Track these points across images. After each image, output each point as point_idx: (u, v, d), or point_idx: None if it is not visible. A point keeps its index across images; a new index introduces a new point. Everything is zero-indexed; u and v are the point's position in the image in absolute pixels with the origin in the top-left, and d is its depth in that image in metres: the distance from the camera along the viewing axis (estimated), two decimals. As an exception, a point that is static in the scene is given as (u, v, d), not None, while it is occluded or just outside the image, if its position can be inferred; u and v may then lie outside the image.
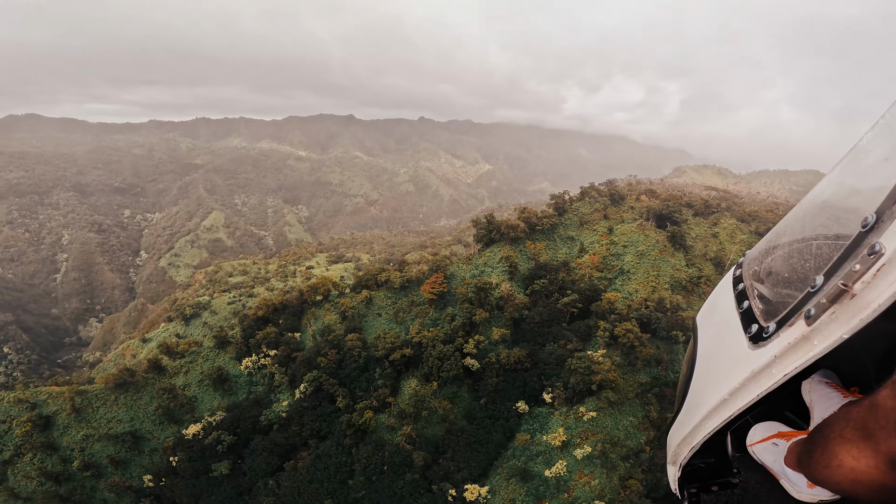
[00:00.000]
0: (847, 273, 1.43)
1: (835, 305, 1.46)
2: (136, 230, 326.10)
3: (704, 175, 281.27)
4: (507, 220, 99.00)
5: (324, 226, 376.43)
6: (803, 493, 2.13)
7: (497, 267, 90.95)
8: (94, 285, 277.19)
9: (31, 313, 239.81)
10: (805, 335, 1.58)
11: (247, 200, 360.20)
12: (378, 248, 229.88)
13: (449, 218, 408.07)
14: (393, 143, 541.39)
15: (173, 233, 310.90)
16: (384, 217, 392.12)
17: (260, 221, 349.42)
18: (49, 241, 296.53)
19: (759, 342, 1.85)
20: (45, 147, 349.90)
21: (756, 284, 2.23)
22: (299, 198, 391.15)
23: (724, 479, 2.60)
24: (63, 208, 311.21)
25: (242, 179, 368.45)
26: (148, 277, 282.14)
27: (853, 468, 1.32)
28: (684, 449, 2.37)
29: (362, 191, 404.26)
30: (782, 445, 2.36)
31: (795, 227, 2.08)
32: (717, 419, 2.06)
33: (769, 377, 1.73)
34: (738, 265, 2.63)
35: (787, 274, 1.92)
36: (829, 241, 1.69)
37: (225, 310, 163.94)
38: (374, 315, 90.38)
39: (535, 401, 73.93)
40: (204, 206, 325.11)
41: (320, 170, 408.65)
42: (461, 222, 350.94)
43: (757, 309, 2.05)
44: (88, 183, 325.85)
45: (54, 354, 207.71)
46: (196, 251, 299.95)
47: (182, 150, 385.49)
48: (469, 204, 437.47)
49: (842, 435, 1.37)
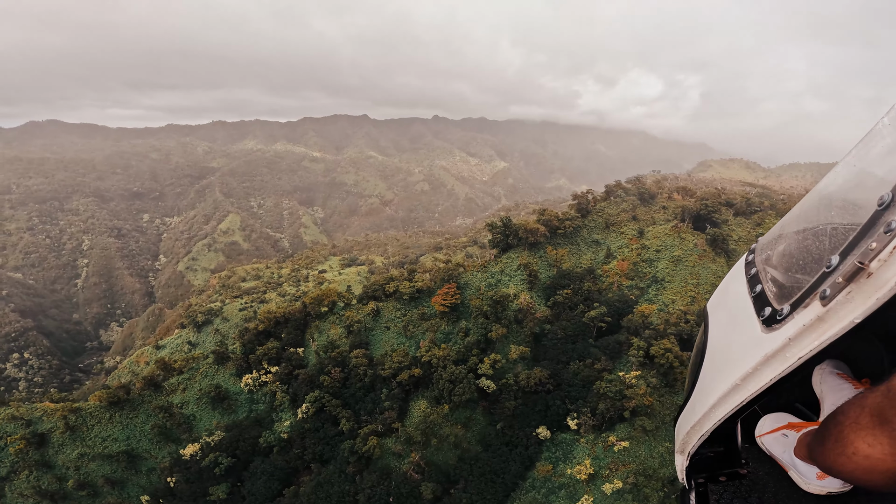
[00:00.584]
0: (863, 251, 1.39)
1: (851, 284, 1.42)
2: (154, 234, 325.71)
3: (731, 169, 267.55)
4: (526, 224, 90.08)
5: (339, 227, 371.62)
6: (812, 484, 2.11)
7: (515, 275, 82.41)
8: (114, 290, 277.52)
9: (52, 318, 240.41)
10: (820, 316, 1.54)
11: (262, 203, 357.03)
12: (392, 249, 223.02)
13: (465, 217, 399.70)
14: (407, 142, 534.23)
15: (191, 236, 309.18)
16: (399, 217, 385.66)
17: (276, 223, 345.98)
18: (70, 246, 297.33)
19: (772, 325, 1.81)
20: (64, 153, 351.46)
21: (769, 269, 2.18)
22: (314, 199, 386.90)
23: (732, 470, 2.55)
24: (83, 214, 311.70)
25: (258, 182, 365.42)
26: (166, 282, 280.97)
27: (868, 455, 1.28)
28: (693, 437, 2.33)
29: (377, 191, 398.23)
30: (792, 436, 2.34)
31: (810, 212, 2.03)
32: (728, 405, 2.01)
33: (783, 360, 1.69)
34: (750, 251, 2.59)
35: (802, 256, 1.88)
36: (843, 225, 1.65)
37: (236, 316, 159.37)
38: (382, 328, 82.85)
39: (558, 426, 65.42)
40: (220, 210, 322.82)
41: (335, 170, 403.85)
42: (477, 221, 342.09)
43: (770, 292, 2.01)
44: (107, 188, 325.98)
45: (76, 359, 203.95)
46: (213, 255, 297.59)
47: (199, 154, 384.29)
48: (485, 202, 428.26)
49: (857, 422, 1.33)
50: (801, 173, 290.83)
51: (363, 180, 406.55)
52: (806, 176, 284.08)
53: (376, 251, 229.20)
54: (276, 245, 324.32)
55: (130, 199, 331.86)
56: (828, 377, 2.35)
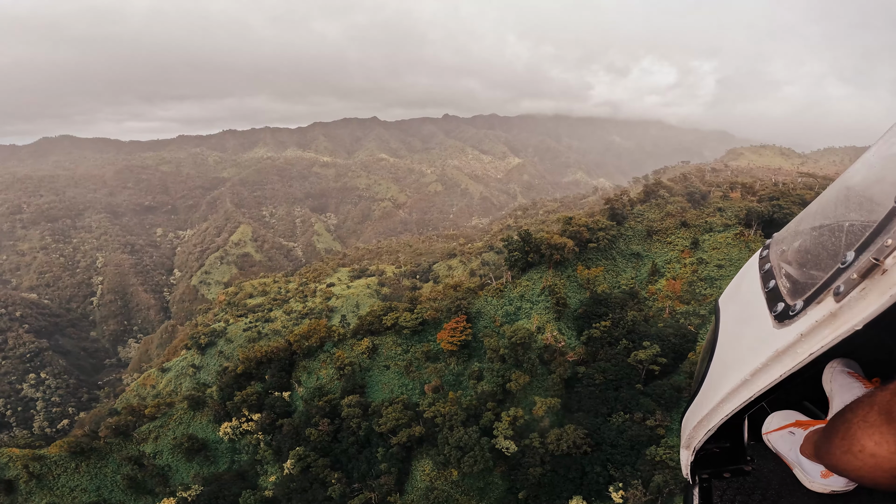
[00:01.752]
0: (879, 248, 1.36)
1: (865, 281, 1.38)
2: (168, 248, 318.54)
3: (764, 156, 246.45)
4: (549, 238, 73.49)
5: (353, 233, 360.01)
6: (816, 482, 2.08)
7: (538, 302, 66.85)
8: (129, 307, 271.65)
9: (69, 337, 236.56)
10: (833, 312, 1.49)
11: (274, 211, 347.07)
12: (404, 257, 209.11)
13: (480, 216, 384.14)
14: (418, 143, 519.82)
15: (203, 250, 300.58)
16: (413, 220, 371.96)
17: (288, 232, 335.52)
18: (84, 264, 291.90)
19: (784, 320, 1.77)
20: (76, 169, 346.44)
21: (784, 264, 2.13)
22: (327, 205, 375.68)
23: (736, 466, 2.50)
24: (96, 230, 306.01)
25: (269, 190, 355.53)
26: (180, 296, 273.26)
27: (874, 453, 1.25)
28: (700, 432, 2.28)
29: (389, 194, 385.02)
30: (799, 434, 2.30)
31: (828, 208, 1.98)
32: (736, 400, 1.97)
33: (793, 357, 1.65)
34: (765, 246, 2.50)
35: (817, 252, 1.84)
36: (861, 221, 1.61)
37: (240, 337, 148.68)
38: (380, 368, 68.54)
39: (597, 496, 50.25)
40: (231, 221, 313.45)
41: (346, 175, 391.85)
42: (493, 221, 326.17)
43: (784, 287, 1.96)
44: (119, 203, 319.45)
45: (95, 377, 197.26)
46: (225, 267, 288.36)
47: (210, 164, 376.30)
48: (501, 200, 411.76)
49: (865, 419, 1.30)
50: (839, 158, 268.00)
51: (375, 184, 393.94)
52: (844, 161, 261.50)
53: (387, 260, 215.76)
54: (289, 254, 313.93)
55: (143, 213, 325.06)
56: (838, 375, 2.31)
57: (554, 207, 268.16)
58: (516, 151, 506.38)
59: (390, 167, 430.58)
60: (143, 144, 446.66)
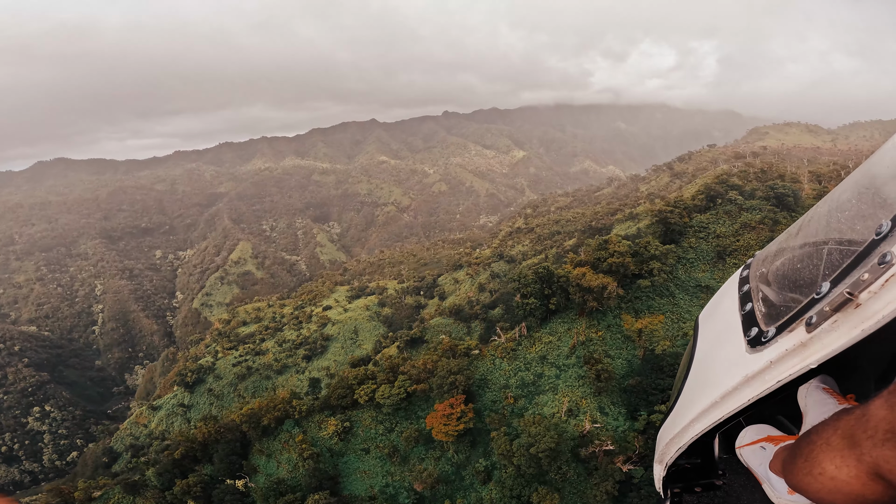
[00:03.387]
0: (854, 282, 1.31)
1: (837, 314, 1.35)
2: (169, 270, 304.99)
3: (791, 135, 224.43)
4: (580, 278, 52.37)
5: (357, 241, 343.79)
6: (783, 499, 2.04)
7: (567, 367, 48.61)
8: (132, 334, 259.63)
9: (73, 368, 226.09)
10: (804, 342, 1.47)
11: (275, 225, 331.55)
12: (407, 270, 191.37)
13: (488, 214, 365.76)
14: (420, 142, 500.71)
15: (203, 270, 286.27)
16: (419, 223, 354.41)
17: (290, 246, 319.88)
18: (82, 293, 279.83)
19: (756, 346, 1.73)
20: (69, 194, 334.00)
21: (762, 287, 2.06)
22: (329, 214, 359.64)
23: (708, 481, 2.47)
24: (92, 257, 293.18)
25: (268, 203, 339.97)
26: (183, 320, 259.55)
27: (834, 477, 1.22)
28: (672, 448, 2.24)
29: (392, 197, 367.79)
30: (770, 449, 2.25)
31: (810, 228, 1.91)
32: (706, 421, 1.96)
33: (762, 383, 1.63)
34: (745, 266, 2.42)
35: (795, 278, 1.76)
36: (842, 247, 1.53)
37: (230, 373, 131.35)
38: (357, 452, 51.27)
39: None
40: (230, 238, 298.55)
41: (346, 181, 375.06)
42: (502, 220, 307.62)
43: (759, 312, 1.91)
44: (114, 227, 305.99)
45: (104, 405, 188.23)
46: (227, 288, 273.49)
47: (206, 180, 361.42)
48: (508, 196, 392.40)
49: (828, 442, 1.27)
50: (868, 133, 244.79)
51: (377, 188, 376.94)
52: (874, 136, 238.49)
53: (390, 273, 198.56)
54: (293, 269, 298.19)
55: (139, 235, 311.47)
56: (813, 391, 2.27)
57: (566, 202, 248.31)
58: (520, 144, 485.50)
59: (392, 169, 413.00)
60: (141, 163, 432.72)
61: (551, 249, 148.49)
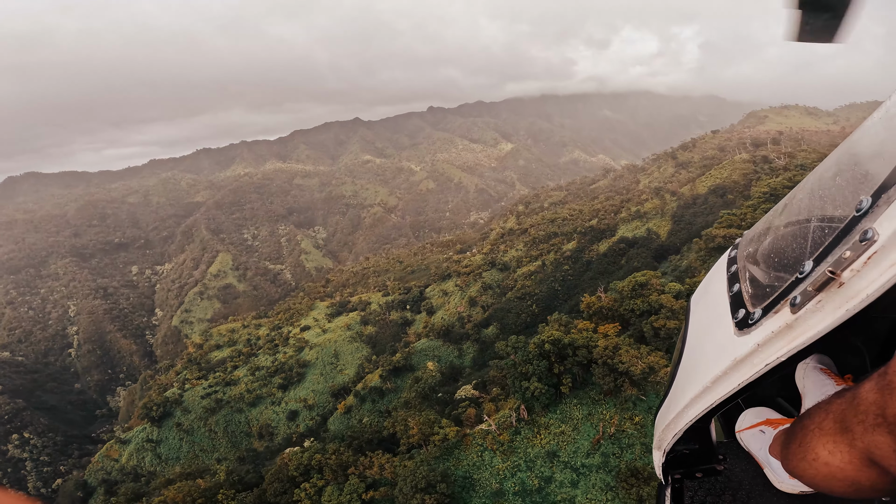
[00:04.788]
0: (836, 260, 1.26)
1: (821, 294, 1.29)
2: (147, 287, 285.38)
3: (791, 118, 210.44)
4: (610, 352, 36.21)
5: (344, 245, 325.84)
6: (785, 483, 2.00)
7: (588, 473, 31.64)
8: (111, 355, 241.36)
9: (52, 392, 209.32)
10: (789, 324, 1.41)
11: (257, 233, 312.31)
12: (393, 279, 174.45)
13: (479, 210, 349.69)
14: (405, 139, 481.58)
15: (182, 285, 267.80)
16: (407, 223, 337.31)
17: (274, 254, 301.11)
18: (55, 315, 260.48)
19: (744, 328, 1.67)
20: (39, 210, 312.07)
21: (749, 266, 2.01)
22: (313, 219, 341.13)
23: (708, 466, 2.39)
24: (63, 277, 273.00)
25: (248, 210, 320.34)
26: (163, 339, 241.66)
27: (827, 462, 1.17)
28: (668, 434, 2.18)
29: (378, 198, 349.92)
30: (769, 433, 2.21)
31: (794, 206, 1.86)
32: (699, 406, 1.89)
33: (751, 366, 1.56)
34: (734, 246, 2.36)
35: (782, 256, 1.72)
36: (826, 224, 1.48)
37: (198, 406, 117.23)
38: None
39: None
40: (209, 250, 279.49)
41: (330, 183, 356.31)
42: (493, 216, 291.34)
43: (746, 293, 1.85)
44: (85, 244, 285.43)
45: (88, 429, 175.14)
46: (207, 303, 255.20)
47: (183, 189, 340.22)
48: (498, 191, 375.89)
49: (821, 427, 1.22)
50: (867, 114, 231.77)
51: (362, 189, 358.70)
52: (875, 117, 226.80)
53: (374, 282, 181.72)
54: (277, 279, 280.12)
55: (113, 252, 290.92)
56: (811, 372, 2.20)
57: (560, 197, 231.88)
58: (508, 136, 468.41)
59: (377, 169, 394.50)
60: (114, 174, 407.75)
61: (549, 255, 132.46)
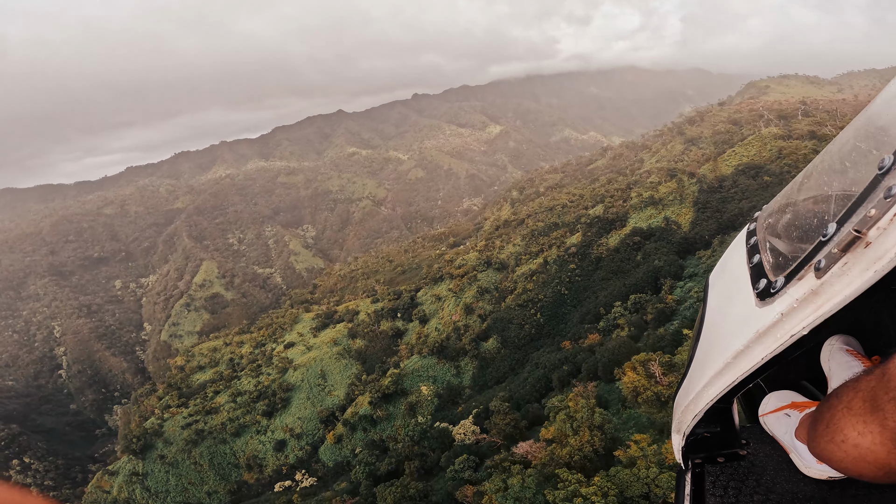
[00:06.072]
0: (861, 219, 1.17)
1: (847, 255, 1.20)
2: (133, 301, 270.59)
3: (793, 87, 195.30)
4: None
5: (335, 242, 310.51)
6: (812, 468, 1.91)
7: None
8: (101, 374, 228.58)
9: (48, 415, 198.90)
10: (814, 289, 1.30)
11: (242, 237, 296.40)
12: (383, 282, 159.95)
13: (471, 196, 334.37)
14: (391, 128, 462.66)
15: (167, 297, 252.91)
16: (398, 215, 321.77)
17: (262, 258, 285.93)
18: (40, 337, 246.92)
19: (766, 298, 1.58)
20: (14, 229, 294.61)
21: (770, 237, 1.92)
22: (301, 217, 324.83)
23: (731, 451, 2.27)
24: (44, 298, 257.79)
25: (232, 214, 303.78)
26: (153, 355, 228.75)
27: (857, 444, 1.07)
28: (688, 416, 2.08)
29: (367, 191, 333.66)
30: (795, 416, 2.11)
31: (814, 178, 1.78)
32: (720, 384, 1.78)
33: (775, 339, 1.45)
34: (752, 219, 2.28)
35: (802, 226, 1.63)
36: (847, 191, 1.38)
37: (179, 438, 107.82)
38: None
39: None
40: (193, 259, 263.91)
41: (316, 179, 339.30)
42: (487, 202, 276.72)
43: (767, 263, 1.77)
44: (63, 262, 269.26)
45: (89, 449, 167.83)
46: (195, 315, 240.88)
47: (161, 196, 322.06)
48: (490, 175, 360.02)
49: (849, 406, 1.12)
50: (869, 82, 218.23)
51: (349, 183, 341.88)
52: (876, 84, 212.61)
53: (363, 286, 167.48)
54: (267, 284, 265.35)
55: (93, 267, 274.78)
56: (836, 353, 2.10)
57: (556, 180, 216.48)
58: (496, 119, 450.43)
59: (363, 161, 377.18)
60: (92, 185, 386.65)
61: (550, 250, 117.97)
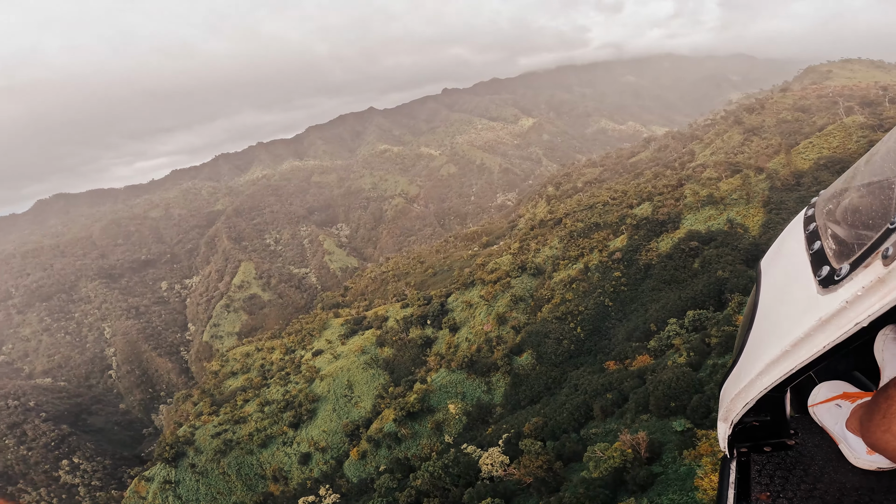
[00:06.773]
0: None
1: None
2: (178, 302, 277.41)
3: (858, 72, 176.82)
4: None
5: (368, 241, 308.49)
6: (861, 459, 1.87)
7: None
8: (149, 374, 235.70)
9: (97, 415, 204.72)
10: (881, 277, 1.24)
11: (279, 237, 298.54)
12: (413, 286, 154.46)
13: (505, 191, 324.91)
14: (423, 124, 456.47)
15: (209, 298, 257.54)
16: (431, 212, 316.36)
17: (298, 258, 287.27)
18: (91, 338, 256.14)
19: (829, 286, 1.50)
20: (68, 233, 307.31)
21: (830, 224, 1.85)
22: (335, 216, 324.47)
23: (778, 440, 2.22)
24: (95, 300, 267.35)
25: (268, 214, 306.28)
26: (196, 355, 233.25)
27: None
28: (738, 404, 2.02)
29: (399, 188, 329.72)
30: (846, 407, 2.07)
31: (877, 164, 1.72)
32: (776, 373, 1.72)
33: (838, 327, 1.39)
34: (810, 205, 2.21)
35: (866, 213, 1.57)
36: None
37: (209, 447, 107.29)
38: None
39: None
40: (231, 260, 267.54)
41: (348, 178, 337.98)
42: (521, 198, 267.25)
43: (829, 249, 1.70)
44: (113, 265, 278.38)
45: (136, 449, 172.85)
46: (234, 316, 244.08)
47: (203, 198, 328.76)
48: (524, 169, 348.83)
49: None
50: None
51: (381, 180, 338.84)
52: None
53: (394, 289, 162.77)
54: (302, 284, 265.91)
55: (141, 269, 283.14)
56: (891, 344, 2.03)
57: (595, 175, 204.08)
58: (528, 112, 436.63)
59: (395, 157, 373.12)
60: (140, 188, 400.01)
61: (592, 254, 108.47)
